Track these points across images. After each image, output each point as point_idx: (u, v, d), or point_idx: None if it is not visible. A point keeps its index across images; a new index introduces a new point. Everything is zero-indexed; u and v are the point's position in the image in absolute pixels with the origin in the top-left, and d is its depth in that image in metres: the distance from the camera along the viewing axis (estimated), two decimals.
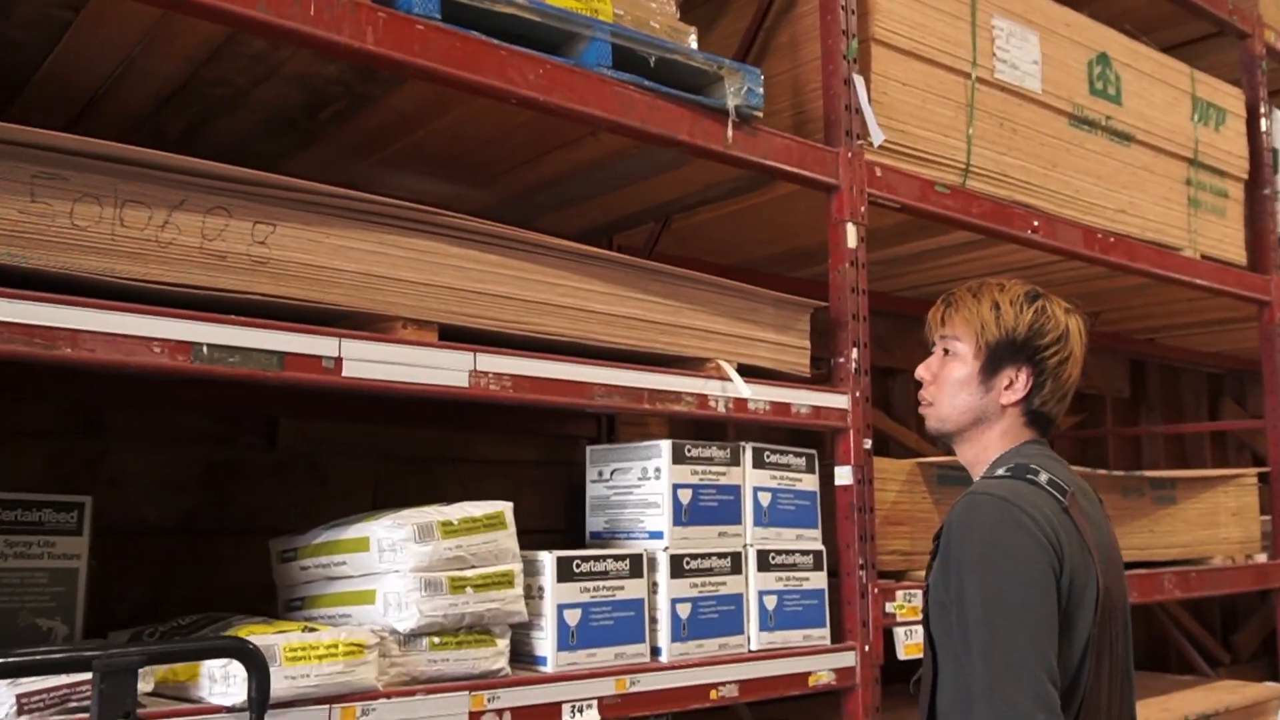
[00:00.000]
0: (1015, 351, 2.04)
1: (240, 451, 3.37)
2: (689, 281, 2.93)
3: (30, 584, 2.45)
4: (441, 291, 2.49)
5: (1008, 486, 1.87)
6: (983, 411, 2.08)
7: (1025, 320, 2.03)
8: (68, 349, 2.00)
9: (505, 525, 2.59)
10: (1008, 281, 2.12)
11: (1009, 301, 2.06)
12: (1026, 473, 1.92)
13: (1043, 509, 1.81)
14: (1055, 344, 2.03)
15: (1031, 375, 2.04)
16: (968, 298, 2.11)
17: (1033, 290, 2.09)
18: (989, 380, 2.07)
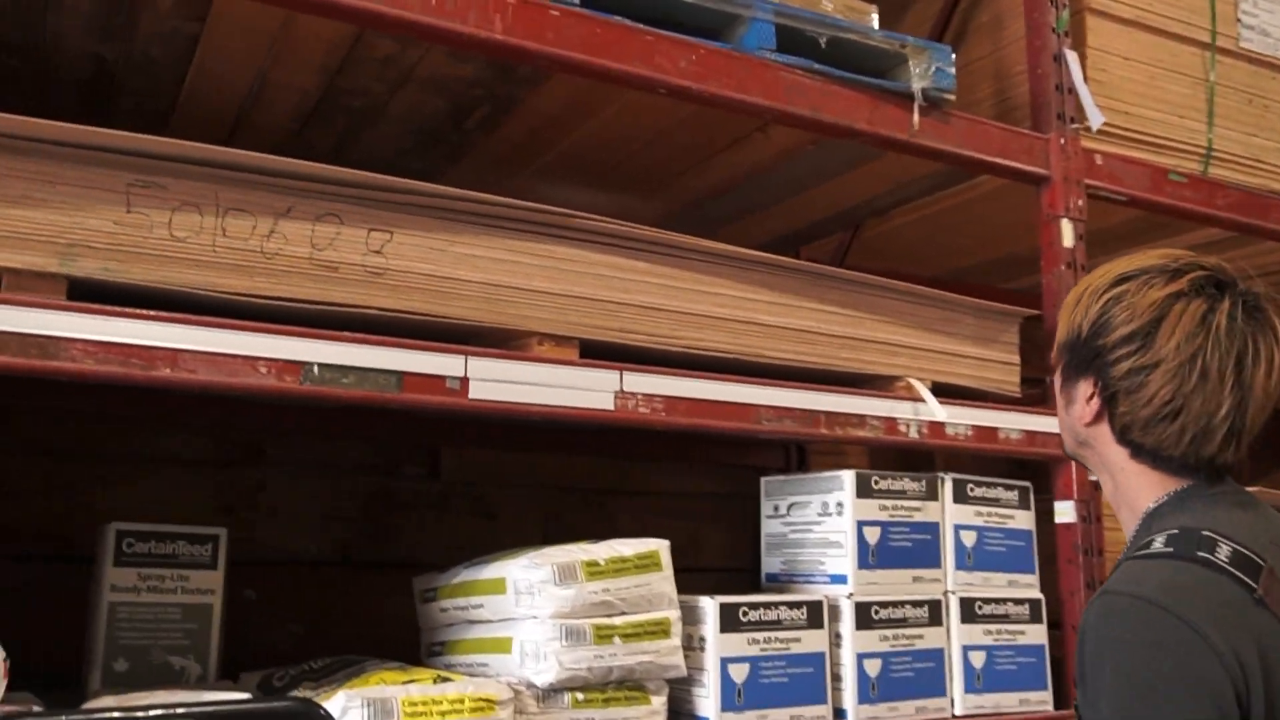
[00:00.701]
0: (1080, 354, 1.49)
1: (401, 482, 3.21)
2: (871, 288, 2.58)
3: (164, 620, 2.32)
4: (582, 303, 2.24)
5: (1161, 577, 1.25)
6: (1077, 435, 1.55)
7: (1091, 312, 1.46)
8: (167, 370, 1.85)
9: (660, 566, 2.31)
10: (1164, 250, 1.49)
11: (1091, 286, 1.50)
12: (1198, 547, 1.29)
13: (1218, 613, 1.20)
14: (1124, 343, 1.41)
15: (1098, 387, 1.47)
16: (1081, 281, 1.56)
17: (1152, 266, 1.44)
18: (1069, 393, 1.54)
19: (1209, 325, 1.37)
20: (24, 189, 1.80)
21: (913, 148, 2.62)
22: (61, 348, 1.78)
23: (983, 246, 3.65)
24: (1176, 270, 1.43)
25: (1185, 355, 1.37)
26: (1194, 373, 1.36)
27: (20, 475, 2.79)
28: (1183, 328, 1.37)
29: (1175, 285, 1.40)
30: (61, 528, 2.81)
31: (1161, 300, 1.40)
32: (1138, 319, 1.40)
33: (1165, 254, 1.47)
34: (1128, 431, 1.45)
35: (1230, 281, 1.44)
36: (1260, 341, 1.37)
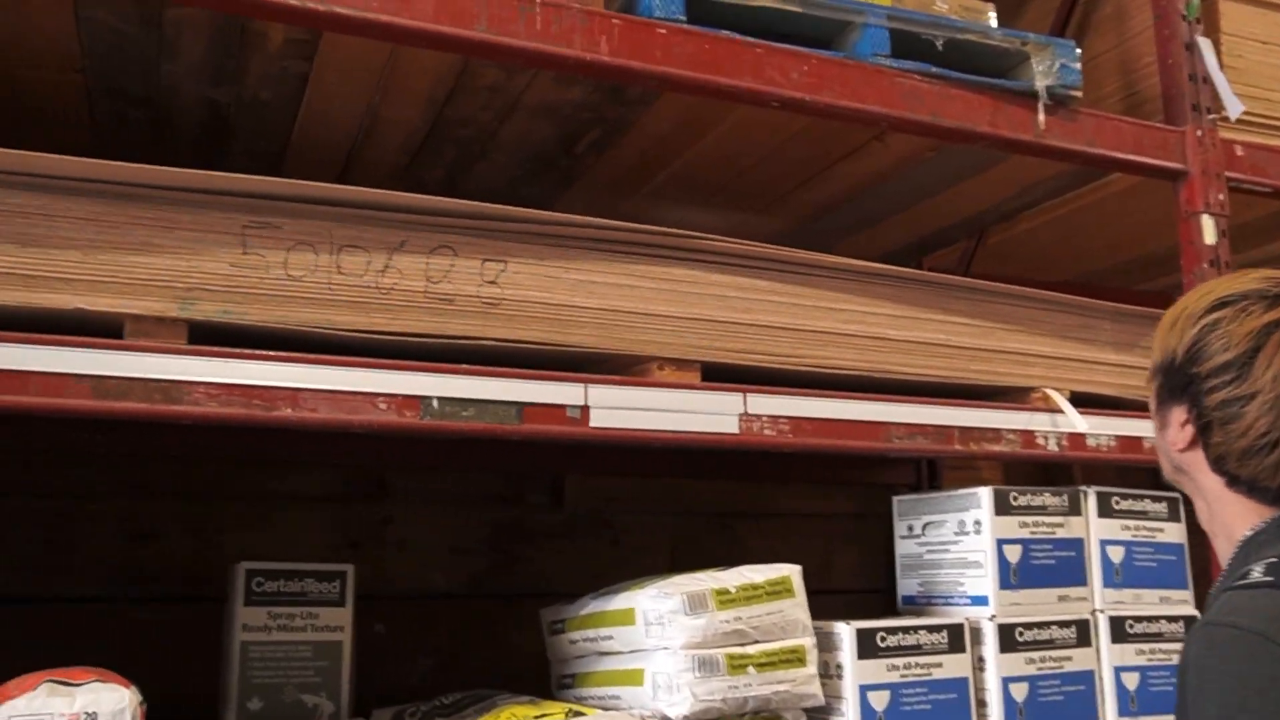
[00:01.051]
0: (1175, 381, 1.45)
1: (527, 511, 3.19)
2: (998, 297, 2.48)
3: (295, 658, 2.32)
4: (703, 325, 2.18)
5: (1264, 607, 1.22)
6: (1173, 460, 1.50)
7: (1186, 339, 1.42)
8: (288, 410, 1.84)
9: (793, 592, 2.23)
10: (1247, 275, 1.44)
11: (1187, 310, 1.45)
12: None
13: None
14: (1220, 372, 1.38)
15: (1191, 416, 1.42)
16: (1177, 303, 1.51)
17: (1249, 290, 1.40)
18: (1163, 418, 1.50)
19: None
20: (144, 236, 1.81)
21: (1039, 149, 2.51)
22: (184, 391, 1.79)
23: (1115, 248, 3.49)
24: (1276, 296, 1.39)
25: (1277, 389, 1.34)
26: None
27: (155, 518, 2.84)
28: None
29: (1273, 313, 1.37)
30: (195, 569, 2.85)
31: (1259, 329, 1.36)
32: (1234, 348, 1.37)
33: (1266, 276, 1.43)
34: (1223, 462, 1.42)
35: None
36: None
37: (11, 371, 1.71)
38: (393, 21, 1.97)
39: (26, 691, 1.74)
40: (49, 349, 1.73)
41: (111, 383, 1.76)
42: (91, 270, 1.78)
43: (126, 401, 1.76)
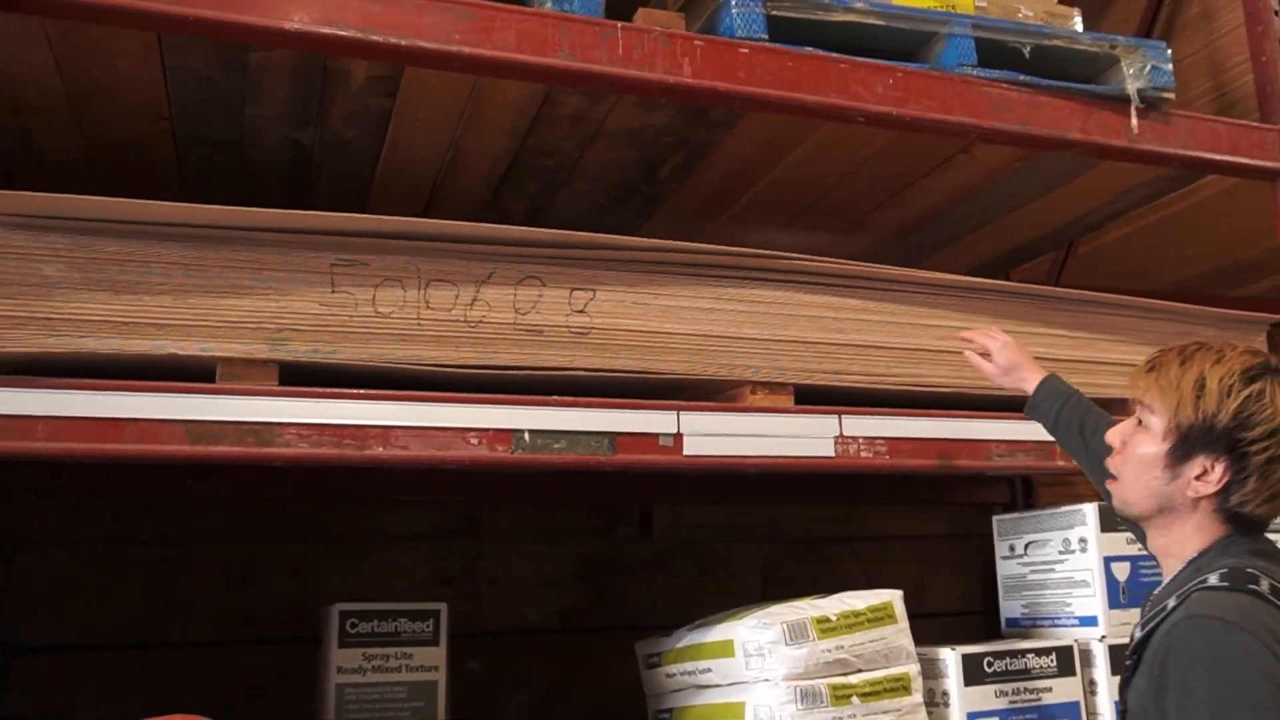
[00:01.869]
0: (1213, 440, 1.63)
1: (617, 543, 3.16)
2: (1099, 306, 2.41)
3: (390, 699, 2.31)
4: (795, 347, 2.15)
5: (1232, 605, 1.53)
6: (1168, 500, 1.69)
7: (1231, 407, 1.62)
8: (380, 448, 1.84)
9: (895, 619, 2.18)
10: (1234, 350, 1.69)
11: (1219, 378, 1.65)
12: (1247, 581, 1.56)
13: (1271, 628, 1.50)
14: (1266, 439, 1.61)
15: (1229, 469, 1.62)
16: (1174, 365, 1.70)
17: (1262, 365, 1.66)
18: (1178, 466, 1.66)
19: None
20: (233, 278, 1.82)
21: (1132, 153, 2.44)
22: (276, 433, 1.79)
23: (1209, 254, 3.39)
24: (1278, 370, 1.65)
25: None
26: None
27: (254, 561, 2.85)
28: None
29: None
30: (295, 610, 2.85)
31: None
32: (1277, 417, 1.61)
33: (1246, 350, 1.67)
34: (1240, 506, 1.63)
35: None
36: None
37: (107, 420, 1.72)
38: (475, 53, 1.97)
39: None
40: (143, 395, 1.74)
41: (205, 427, 1.77)
42: (183, 314, 1.80)
43: (220, 445, 1.76)
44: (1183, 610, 1.55)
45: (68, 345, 1.75)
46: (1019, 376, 2.11)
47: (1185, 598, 1.58)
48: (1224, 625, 1.49)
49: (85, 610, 2.72)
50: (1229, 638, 1.48)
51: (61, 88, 2.23)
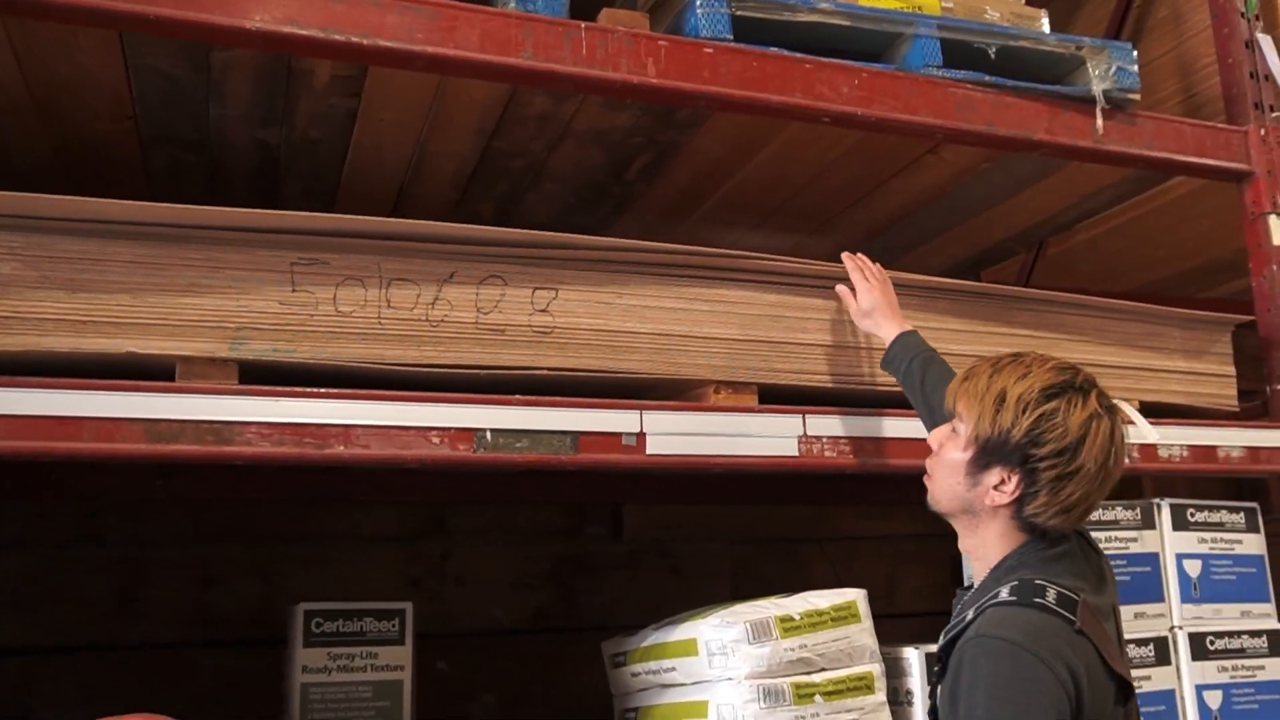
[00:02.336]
0: (1008, 453, 1.71)
1: (587, 543, 3.16)
2: (1064, 307, 2.42)
3: (355, 699, 2.29)
4: (758, 346, 2.15)
5: (1020, 623, 1.61)
6: (969, 505, 1.77)
7: (1025, 424, 1.69)
8: (340, 447, 1.83)
9: (858, 617, 2.18)
10: (1043, 366, 1.74)
11: (1018, 395, 1.71)
12: (1034, 595, 1.64)
13: (1060, 649, 1.59)
14: (1054, 457, 1.67)
15: (1022, 483, 1.70)
16: (984, 376, 1.77)
17: (1065, 383, 1.72)
18: (978, 474, 1.74)
19: (1114, 438, 1.70)
20: (192, 277, 1.81)
21: (1098, 154, 2.46)
22: (236, 432, 1.78)
23: (1177, 255, 3.41)
24: (1080, 388, 1.71)
25: (1100, 462, 1.68)
26: (1100, 474, 1.68)
27: (219, 563, 2.84)
28: (1099, 444, 1.68)
29: (1089, 407, 1.69)
30: (260, 611, 2.84)
31: (1084, 420, 1.68)
32: (1070, 436, 1.67)
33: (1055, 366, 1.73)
34: (1033, 517, 1.70)
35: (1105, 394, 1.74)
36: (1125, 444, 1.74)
37: (65, 418, 1.71)
38: (438, 53, 1.97)
39: None
40: (101, 394, 1.73)
41: (164, 425, 1.75)
42: (141, 313, 1.79)
43: (179, 444, 1.75)
44: (975, 627, 1.63)
45: (23, 344, 1.73)
46: (875, 322, 2.15)
47: (981, 612, 1.65)
48: (1009, 645, 1.58)
49: (50, 612, 2.70)
50: (1012, 657, 1.57)
51: (24, 86, 2.22)
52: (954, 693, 1.62)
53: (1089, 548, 1.80)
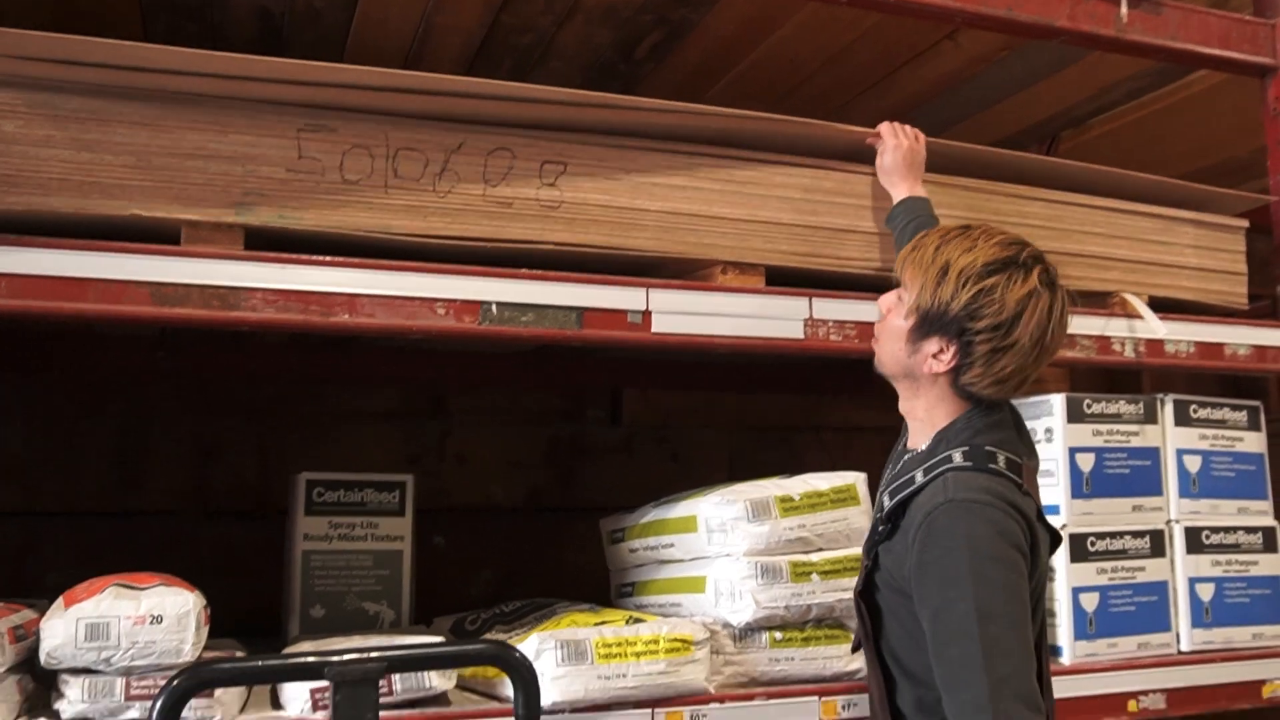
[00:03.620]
0: (946, 324, 1.75)
1: (585, 427, 3.17)
2: (1079, 199, 2.39)
3: (355, 567, 2.33)
4: (767, 228, 2.13)
5: (981, 484, 1.69)
6: (910, 370, 1.83)
7: (963, 298, 1.73)
8: (345, 315, 1.82)
9: (857, 500, 2.20)
10: (990, 240, 1.77)
11: (960, 269, 1.74)
12: (987, 460, 1.73)
13: (1019, 505, 1.70)
14: (990, 331, 1.72)
15: (958, 354, 1.76)
16: (929, 249, 1.80)
17: (1008, 259, 1.75)
18: (918, 342, 1.79)
19: (1052, 317, 1.74)
20: (198, 141, 1.78)
21: (1120, 44, 2.41)
22: (242, 297, 1.77)
23: (1194, 153, 3.36)
24: (1023, 264, 1.73)
25: (1035, 338, 1.72)
26: (1035, 350, 1.73)
27: (220, 436, 2.86)
28: (1036, 321, 1.72)
29: (1030, 283, 1.72)
30: (260, 484, 2.87)
31: (1023, 298, 1.71)
32: (1006, 312, 1.71)
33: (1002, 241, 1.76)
34: (969, 385, 1.76)
35: (1048, 267, 1.77)
36: (1066, 321, 1.77)
37: (71, 279, 1.70)
38: None
39: (95, 594, 1.76)
40: (107, 255, 1.72)
41: (169, 289, 1.74)
42: (147, 176, 1.76)
43: (185, 308, 1.74)
44: (937, 493, 1.70)
45: (27, 204, 1.71)
46: (891, 181, 2.18)
47: (934, 476, 1.72)
48: (978, 505, 1.66)
49: (52, 481, 2.72)
50: (983, 514, 1.65)
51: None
52: (921, 558, 1.68)
53: (1018, 417, 1.87)
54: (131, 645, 1.72)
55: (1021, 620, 1.62)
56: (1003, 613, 1.60)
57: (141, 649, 1.72)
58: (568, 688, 1.87)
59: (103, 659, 1.71)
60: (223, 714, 1.77)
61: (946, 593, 1.63)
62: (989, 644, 1.58)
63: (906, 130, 2.21)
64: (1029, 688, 1.59)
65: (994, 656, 1.58)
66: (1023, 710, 1.56)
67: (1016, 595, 1.63)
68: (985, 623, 1.59)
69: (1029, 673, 1.60)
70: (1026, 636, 1.62)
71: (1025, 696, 1.58)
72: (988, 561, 1.63)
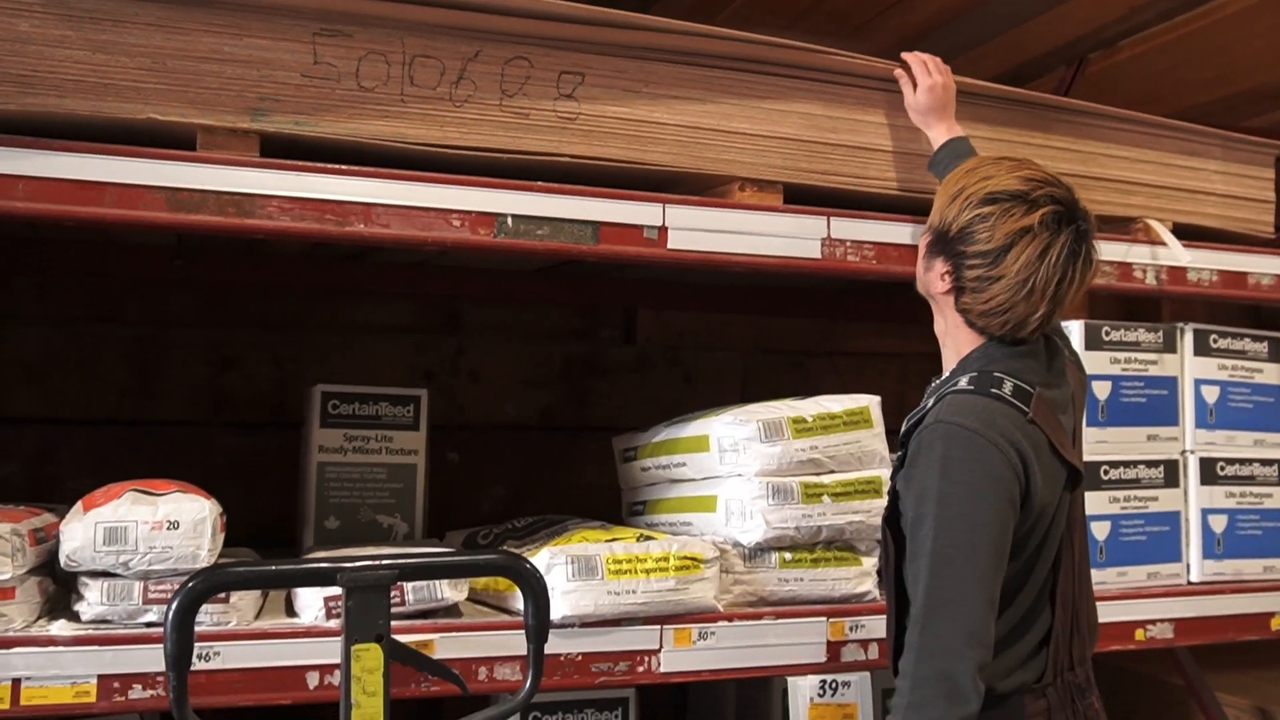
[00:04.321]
0: (946, 245, 1.80)
1: (599, 346, 3.16)
2: (1103, 120, 2.36)
3: (370, 479, 2.34)
4: (787, 145, 2.10)
5: (976, 409, 1.71)
6: (927, 289, 1.88)
7: (961, 220, 1.77)
8: (361, 225, 1.81)
9: (870, 423, 2.19)
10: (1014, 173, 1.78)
11: (968, 194, 1.78)
12: (991, 385, 1.74)
13: (1012, 434, 1.70)
14: (977, 257, 1.75)
15: (953, 276, 1.80)
16: (960, 173, 1.84)
17: (1016, 192, 1.75)
18: (929, 260, 1.85)
19: (1046, 258, 1.73)
20: (213, 44, 1.76)
21: None
22: (258, 205, 1.76)
23: (1225, 78, 3.28)
24: (1033, 201, 1.73)
25: (1021, 277, 1.72)
26: (1024, 289, 1.73)
27: (236, 346, 2.86)
28: (1026, 257, 1.72)
29: (1028, 219, 1.72)
30: (275, 395, 2.87)
31: (1015, 232, 1.72)
32: (994, 242, 1.73)
33: (1029, 177, 1.76)
34: (966, 312, 1.80)
35: (1070, 214, 1.75)
36: (1076, 271, 1.75)
37: (89, 183, 1.69)
38: None
39: (113, 499, 1.77)
40: (124, 160, 1.71)
41: (185, 195, 1.73)
42: (162, 79, 1.74)
43: (200, 214, 1.74)
44: (933, 414, 1.73)
45: (43, 105, 1.69)
46: (927, 121, 2.16)
47: (941, 399, 1.75)
48: (963, 430, 1.68)
49: (69, 387, 2.74)
50: (965, 441, 1.67)
51: None
52: (909, 474, 1.73)
53: (1055, 350, 1.88)
54: (149, 550, 1.74)
55: (984, 549, 1.63)
56: (960, 540, 1.63)
57: (159, 554, 1.74)
58: (578, 602, 1.89)
59: (121, 563, 1.73)
60: (238, 619, 1.79)
61: (919, 509, 1.68)
62: (937, 567, 1.63)
63: (936, 64, 2.18)
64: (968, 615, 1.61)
65: (939, 579, 1.63)
66: (953, 636, 1.59)
67: (981, 524, 1.64)
68: (939, 547, 1.63)
69: (976, 602, 1.62)
70: (985, 564, 1.63)
71: (963, 625, 1.60)
72: (957, 487, 1.65)
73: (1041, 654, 1.75)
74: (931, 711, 1.58)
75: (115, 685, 1.69)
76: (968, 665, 1.58)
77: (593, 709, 2.22)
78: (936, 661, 1.59)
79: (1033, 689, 1.73)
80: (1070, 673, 1.78)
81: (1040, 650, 1.75)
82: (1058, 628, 1.76)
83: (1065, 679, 1.76)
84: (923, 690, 1.59)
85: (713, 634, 1.98)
